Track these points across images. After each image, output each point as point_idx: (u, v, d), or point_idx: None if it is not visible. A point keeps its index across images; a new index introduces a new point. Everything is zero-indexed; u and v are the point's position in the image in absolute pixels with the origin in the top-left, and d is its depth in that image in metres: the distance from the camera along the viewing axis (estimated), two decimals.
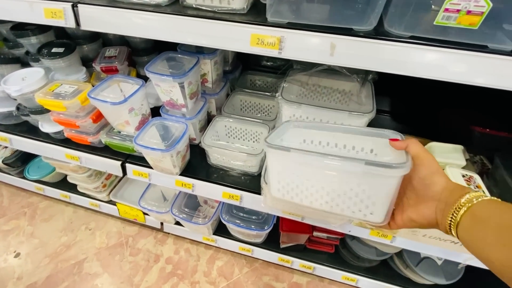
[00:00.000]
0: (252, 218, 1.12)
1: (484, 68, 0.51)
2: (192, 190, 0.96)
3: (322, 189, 0.54)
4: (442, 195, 0.43)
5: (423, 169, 0.45)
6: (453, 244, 0.72)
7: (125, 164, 0.99)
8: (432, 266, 1.02)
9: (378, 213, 0.52)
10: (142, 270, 1.40)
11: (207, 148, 0.90)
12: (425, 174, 0.45)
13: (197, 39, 0.63)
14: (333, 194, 0.54)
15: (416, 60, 0.55)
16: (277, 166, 0.57)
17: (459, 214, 0.39)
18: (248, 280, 1.37)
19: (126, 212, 1.41)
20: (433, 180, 0.44)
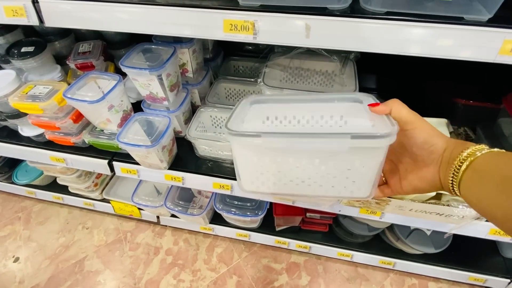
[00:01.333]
0: (246, 205, 1.13)
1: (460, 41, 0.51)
2: (183, 183, 0.96)
3: (302, 172, 0.48)
4: (444, 155, 0.40)
5: (420, 134, 0.41)
6: (439, 216, 0.75)
7: (112, 162, 0.97)
8: (422, 236, 1.06)
9: (365, 188, 0.48)
10: (143, 263, 1.42)
11: (192, 140, 0.89)
12: (424, 139, 0.41)
13: (166, 29, 0.60)
14: (315, 176, 0.48)
15: (394, 37, 0.53)
16: (245, 156, 0.49)
17: (460, 170, 0.37)
18: (248, 264, 1.41)
19: (121, 208, 1.41)
20: (433, 143, 0.41)
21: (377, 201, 0.74)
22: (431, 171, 0.41)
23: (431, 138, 0.41)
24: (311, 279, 1.36)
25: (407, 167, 0.45)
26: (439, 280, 1.35)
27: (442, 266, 1.20)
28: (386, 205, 0.74)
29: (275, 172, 0.49)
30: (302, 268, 1.40)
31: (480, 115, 0.87)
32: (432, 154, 0.41)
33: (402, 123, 0.42)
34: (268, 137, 0.44)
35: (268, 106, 0.55)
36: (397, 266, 1.25)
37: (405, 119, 0.42)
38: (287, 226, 1.28)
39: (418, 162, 0.43)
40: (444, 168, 0.40)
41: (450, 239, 1.06)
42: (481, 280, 1.20)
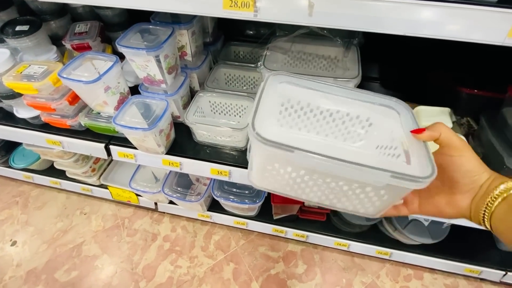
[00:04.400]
0: (244, 193, 1.12)
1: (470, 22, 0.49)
2: (180, 168, 0.95)
3: (323, 186, 0.44)
4: (482, 186, 0.40)
5: (467, 162, 0.40)
6: None
7: (109, 146, 0.96)
8: (419, 227, 1.06)
9: (378, 210, 0.47)
10: (140, 249, 1.43)
11: (191, 125, 0.87)
12: (471, 168, 0.40)
13: (164, 5, 0.58)
14: (335, 192, 0.45)
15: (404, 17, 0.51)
16: (266, 159, 0.44)
17: (495, 202, 0.37)
18: (245, 252, 1.42)
19: (119, 194, 1.41)
20: (479, 173, 0.40)
21: None
22: (465, 199, 0.41)
23: (478, 168, 0.40)
24: (308, 267, 1.37)
25: (436, 190, 0.44)
26: (434, 271, 1.36)
27: (438, 257, 1.20)
28: None
29: (294, 180, 0.45)
30: (298, 257, 1.41)
31: (484, 105, 0.85)
32: (473, 184, 0.40)
33: (449, 149, 0.41)
34: (302, 155, 0.39)
35: (293, 88, 0.52)
36: (393, 257, 1.26)
37: (455, 145, 0.40)
38: (285, 215, 1.27)
39: (454, 188, 0.42)
40: (478, 198, 0.40)
41: (448, 230, 1.06)
42: (477, 272, 1.20)
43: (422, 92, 1.03)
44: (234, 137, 0.88)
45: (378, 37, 0.61)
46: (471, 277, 1.33)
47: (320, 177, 0.43)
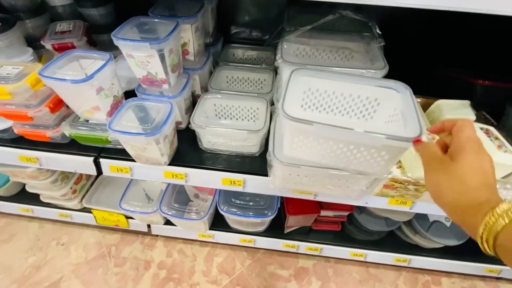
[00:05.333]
0: (254, 205, 1.01)
1: None
2: (186, 180, 0.82)
3: (338, 151, 0.57)
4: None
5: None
6: None
7: (99, 159, 0.82)
8: (441, 229, 1.00)
9: (384, 169, 0.59)
10: (132, 281, 1.24)
11: (198, 129, 0.76)
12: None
13: None
14: (347, 155, 0.57)
15: None
16: (294, 132, 0.57)
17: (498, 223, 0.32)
18: (252, 273, 1.28)
19: (105, 218, 1.23)
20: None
21: (416, 187, 0.66)
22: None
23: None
24: (322, 284, 1.26)
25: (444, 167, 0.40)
26: (451, 275, 1.31)
27: (458, 260, 1.15)
28: (425, 191, 0.67)
29: (315, 148, 0.58)
30: (311, 273, 1.29)
31: (499, 97, 0.84)
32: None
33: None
34: (319, 126, 0.52)
35: (314, 79, 0.63)
36: (412, 263, 1.19)
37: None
38: (297, 227, 1.17)
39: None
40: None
41: None
42: (496, 271, 1.16)
43: (433, 87, 1.01)
44: (248, 141, 0.78)
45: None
46: (488, 278, 1.29)
47: (334, 144, 0.56)
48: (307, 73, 0.63)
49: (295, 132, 0.57)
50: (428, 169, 0.41)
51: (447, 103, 0.83)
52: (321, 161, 0.61)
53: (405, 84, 0.60)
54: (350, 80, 0.63)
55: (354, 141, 0.53)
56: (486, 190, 0.35)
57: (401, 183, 0.66)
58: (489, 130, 0.71)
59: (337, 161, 0.60)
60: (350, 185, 0.68)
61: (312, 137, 0.56)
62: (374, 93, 0.63)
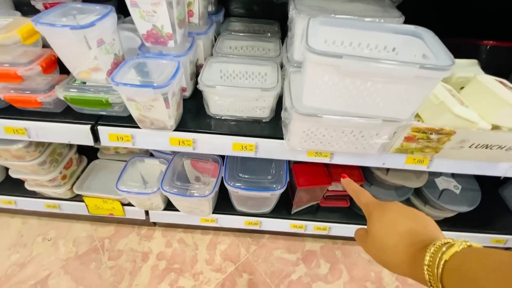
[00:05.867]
0: (262, 179, 0.96)
1: None
2: (194, 147, 0.77)
3: (364, 92, 0.54)
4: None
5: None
6: (499, 150, 0.67)
7: (96, 127, 0.75)
8: (452, 196, 1.00)
9: (410, 111, 0.58)
10: (128, 274, 1.14)
11: (207, 89, 0.72)
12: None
13: None
14: (373, 96, 0.55)
15: None
16: (317, 74, 0.54)
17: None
18: (258, 259, 1.22)
19: (98, 207, 1.14)
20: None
21: (439, 135, 0.64)
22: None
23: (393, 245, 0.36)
24: (331, 266, 1.22)
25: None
26: None
27: (466, 231, 1.15)
28: (447, 141, 0.65)
29: (339, 91, 0.55)
30: (319, 256, 1.25)
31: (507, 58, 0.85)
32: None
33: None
34: (348, 60, 0.48)
35: (331, 29, 0.61)
36: None
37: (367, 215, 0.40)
38: (306, 205, 1.13)
39: None
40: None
41: (480, 196, 1.01)
42: (502, 241, 1.17)
43: None
44: (260, 102, 0.74)
45: None
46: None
47: (362, 84, 0.53)
48: (323, 22, 0.60)
49: (319, 73, 0.53)
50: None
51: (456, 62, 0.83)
52: (345, 108, 0.58)
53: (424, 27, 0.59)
54: (368, 28, 0.61)
55: (384, 75, 0.50)
56: (409, 247, 0.33)
57: (423, 132, 0.64)
58: (503, 81, 0.71)
59: (362, 106, 0.57)
60: (372, 138, 0.65)
61: (338, 77, 0.53)
62: (392, 41, 0.61)
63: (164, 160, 1.09)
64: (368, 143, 0.67)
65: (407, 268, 0.33)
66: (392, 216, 0.36)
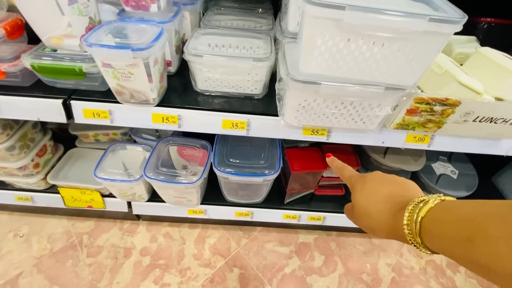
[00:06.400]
0: (253, 164, 0.90)
1: None
2: (179, 125, 0.70)
3: (366, 54, 0.50)
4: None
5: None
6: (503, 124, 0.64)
7: (69, 101, 0.67)
8: (450, 181, 0.97)
9: (413, 76, 0.53)
10: (109, 271, 1.05)
11: (194, 59, 0.65)
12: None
13: None
14: (376, 58, 0.50)
15: None
16: (315, 32, 0.48)
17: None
18: (250, 252, 1.15)
19: (75, 198, 1.05)
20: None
21: (444, 107, 0.60)
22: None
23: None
24: (326, 258, 1.17)
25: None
26: None
27: None
28: (451, 113, 0.61)
29: (340, 53, 0.50)
30: (313, 248, 1.20)
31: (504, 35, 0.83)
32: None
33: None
34: (353, 10, 0.43)
35: None
36: None
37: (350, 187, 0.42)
38: (300, 194, 1.07)
39: None
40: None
41: (477, 181, 0.99)
42: None
43: None
44: (253, 76, 0.69)
45: None
46: None
47: (364, 43, 0.48)
48: None
49: (318, 31, 0.48)
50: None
51: (455, 39, 0.80)
52: (346, 74, 0.53)
53: None
54: None
55: (390, 30, 0.45)
56: (390, 210, 0.34)
57: (427, 103, 0.59)
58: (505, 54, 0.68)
59: (364, 71, 0.53)
60: (373, 109, 0.61)
61: (338, 36, 0.48)
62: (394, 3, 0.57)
63: (147, 147, 1.01)
64: (369, 116, 0.63)
65: (391, 230, 0.34)
66: (372, 185, 0.37)
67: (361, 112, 0.62)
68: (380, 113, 0.61)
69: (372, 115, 0.63)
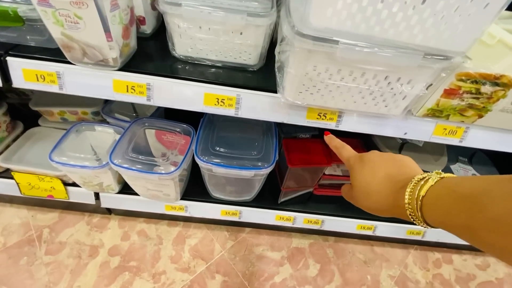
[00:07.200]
0: (243, 155, 0.75)
1: None
2: (148, 96, 0.55)
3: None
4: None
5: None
6: None
7: (5, 57, 0.51)
8: None
9: (469, 39, 0.40)
10: (69, 272, 0.90)
11: (170, 9, 0.49)
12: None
13: None
14: (426, 9, 0.36)
15: None
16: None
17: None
18: (236, 256, 1.01)
19: (33, 186, 0.89)
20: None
21: (496, 88, 0.45)
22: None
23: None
24: (321, 267, 1.03)
25: None
26: (462, 252, 1.16)
27: None
28: (502, 97, 0.47)
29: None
30: (308, 254, 1.06)
31: None
32: None
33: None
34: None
35: None
36: (426, 236, 1.01)
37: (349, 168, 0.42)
38: (296, 193, 0.93)
39: None
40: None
41: None
42: None
43: None
44: (246, 37, 0.53)
45: None
46: None
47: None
48: None
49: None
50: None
51: None
52: (373, 30, 0.39)
53: None
54: None
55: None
56: (390, 189, 0.35)
57: (474, 81, 0.45)
58: None
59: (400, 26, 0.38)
60: (401, 86, 0.46)
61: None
62: None
63: (120, 129, 0.85)
64: (394, 96, 0.48)
65: (391, 209, 0.34)
66: (371, 165, 0.37)
67: (385, 89, 0.47)
68: (410, 91, 0.47)
69: (399, 95, 0.48)
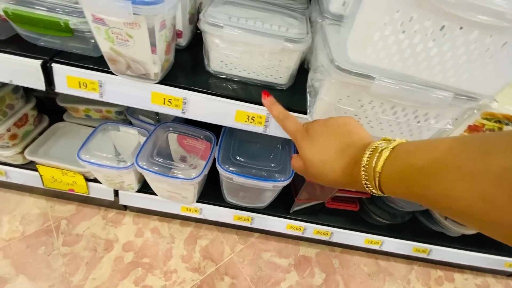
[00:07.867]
0: (262, 166, 0.78)
1: None
2: (183, 110, 0.57)
3: (449, 45, 0.38)
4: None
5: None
6: None
7: (51, 64, 0.54)
8: None
9: (497, 84, 0.42)
10: (85, 264, 0.94)
11: (210, 29, 0.52)
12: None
13: None
14: (461, 56, 0.39)
15: None
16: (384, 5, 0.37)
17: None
18: (244, 260, 1.04)
19: (55, 179, 0.92)
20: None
21: None
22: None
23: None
24: (327, 276, 1.05)
25: None
26: (464, 271, 1.18)
27: (478, 252, 1.02)
28: None
29: (410, 39, 0.38)
30: (314, 263, 1.08)
31: None
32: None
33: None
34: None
35: None
36: (432, 254, 1.03)
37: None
38: (309, 203, 0.96)
39: None
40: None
41: None
42: None
43: None
44: (281, 59, 0.56)
45: None
46: (499, 275, 1.18)
47: (450, 28, 0.36)
48: None
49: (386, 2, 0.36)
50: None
51: None
52: (410, 69, 0.41)
53: None
54: None
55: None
56: (344, 165, 0.34)
57: (498, 121, 0.47)
58: None
59: (435, 69, 0.40)
60: (428, 120, 0.48)
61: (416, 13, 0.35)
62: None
63: (144, 131, 0.88)
64: (420, 127, 0.50)
65: (351, 185, 0.34)
66: (320, 140, 0.37)
67: (412, 121, 0.49)
68: (436, 125, 0.49)
69: (424, 128, 0.50)
